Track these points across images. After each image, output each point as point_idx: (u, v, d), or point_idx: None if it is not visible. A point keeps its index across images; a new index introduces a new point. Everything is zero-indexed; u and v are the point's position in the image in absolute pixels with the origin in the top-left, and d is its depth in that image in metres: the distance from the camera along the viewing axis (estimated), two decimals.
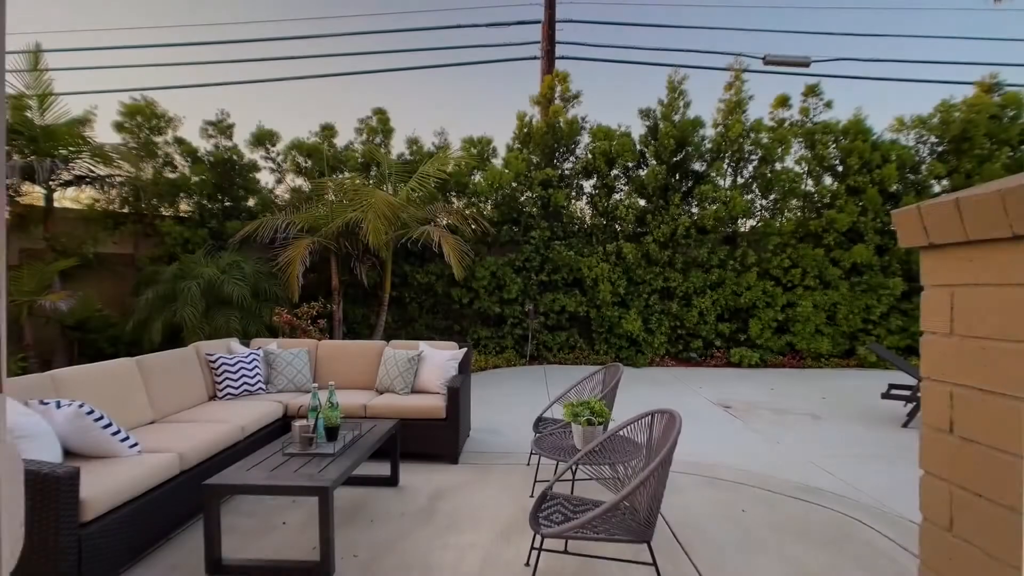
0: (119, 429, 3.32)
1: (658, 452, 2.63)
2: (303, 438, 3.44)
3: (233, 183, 9.49)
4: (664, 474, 2.36)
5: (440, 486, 4.24)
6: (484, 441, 5.44)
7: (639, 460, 2.97)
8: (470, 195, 10.05)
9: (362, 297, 9.88)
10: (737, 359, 9.68)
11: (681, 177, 10.26)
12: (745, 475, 4.41)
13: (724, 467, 4.62)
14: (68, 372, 3.64)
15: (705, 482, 4.26)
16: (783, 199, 9.88)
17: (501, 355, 9.74)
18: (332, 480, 2.94)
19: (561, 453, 3.47)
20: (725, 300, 9.86)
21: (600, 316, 9.89)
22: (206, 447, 3.70)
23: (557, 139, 10.13)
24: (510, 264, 9.96)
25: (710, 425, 6.08)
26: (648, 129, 10.28)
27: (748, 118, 9.92)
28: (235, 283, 7.79)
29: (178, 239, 8.80)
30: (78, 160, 8.00)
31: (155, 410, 4.26)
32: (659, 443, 2.68)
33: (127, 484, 2.99)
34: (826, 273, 9.65)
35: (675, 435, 2.36)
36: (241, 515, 3.71)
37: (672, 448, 2.33)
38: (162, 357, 4.56)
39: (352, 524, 3.58)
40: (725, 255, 9.90)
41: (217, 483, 2.94)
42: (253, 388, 5.08)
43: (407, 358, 5.23)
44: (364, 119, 10.27)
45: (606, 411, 3.47)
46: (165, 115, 9.20)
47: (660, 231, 9.74)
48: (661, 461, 2.25)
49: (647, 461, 2.84)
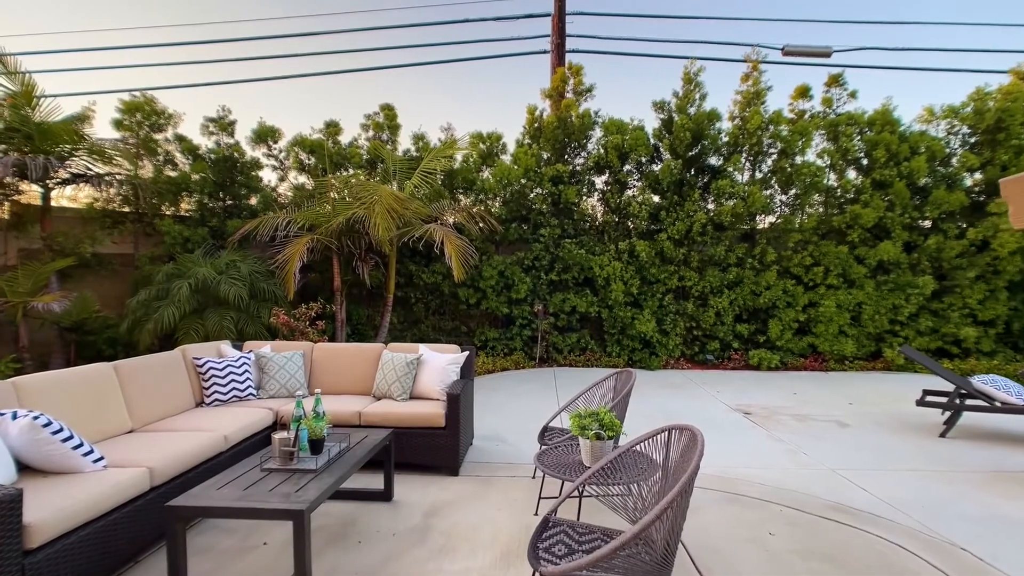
0: (81, 442, 3.04)
1: (676, 476, 2.28)
2: (283, 452, 3.14)
3: (235, 181, 9.27)
4: (684, 504, 2.01)
5: (437, 501, 3.92)
6: (487, 450, 5.11)
7: (655, 480, 2.62)
8: (478, 192, 9.73)
9: (366, 298, 9.61)
10: (756, 361, 9.24)
11: (697, 172, 9.84)
12: (770, 491, 4.03)
13: (747, 481, 4.24)
14: (33, 379, 3.38)
15: (727, 499, 3.89)
16: (804, 194, 9.41)
17: (509, 357, 9.41)
18: (309, 502, 2.63)
19: (566, 471, 3.13)
20: (743, 300, 9.42)
21: (612, 317, 9.51)
22: (182, 460, 3.42)
23: (568, 134, 9.77)
24: (519, 263, 9.63)
25: (729, 433, 5.69)
26: (662, 122, 9.88)
27: (767, 110, 9.48)
28: (232, 283, 7.55)
29: (178, 238, 8.60)
30: (75, 158, 7.83)
31: (134, 419, 3.99)
32: (678, 466, 2.32)
33: (84, 505, 2.71)
34: (850, 271, 9.17)
35: (697, 458, 2.01)
36: (220, 532, 3.43)
37: (694, 474, 1.98)
38: (144, 361, 4.29)
39: (338, 545, 3.27)
40: (743, 253, 9.46)
41: (181, 505, 2.64)
42: (243, 394, 4.81)
43: (406, 362, 4.92)
44: (371, 115, 10.00)
45: (617, 423, 3.12)
46: (165, 112, 9.01)
47: (675, 228, 9.33)
48: (681, 490, 1.90)
49: (664, 484, 2.48)
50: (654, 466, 2.75)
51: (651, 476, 2.65)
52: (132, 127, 8.80)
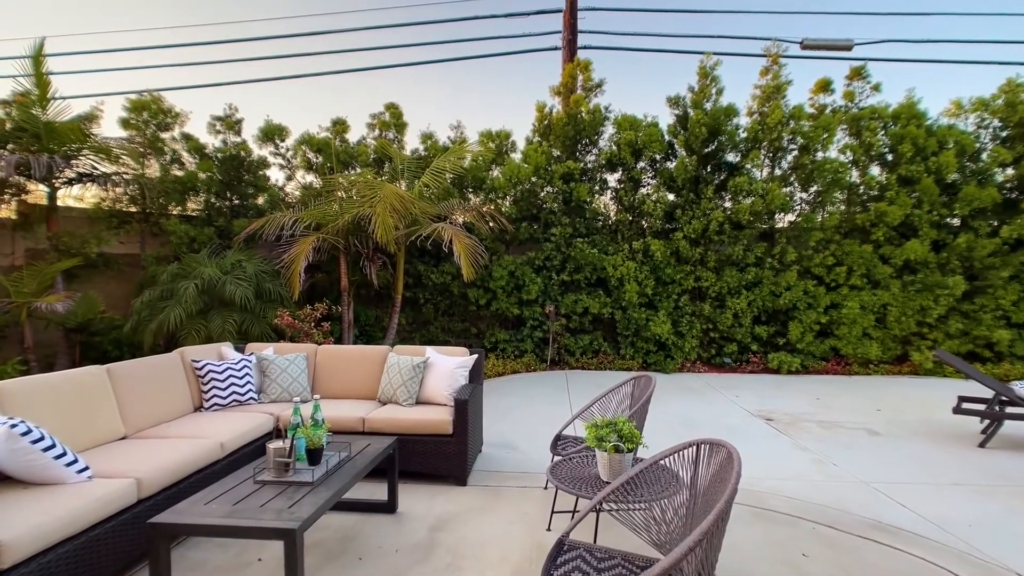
0: (64, 451, 2.86)
1: (708, 499, 2.03)
2: (278, 463, 2.93)
3: (242, 180, 9.15)
4: (720, 533, 1.76)
5: (443, 514, 3.70)
6: (497, 458, 4.88)
7: (681, 501, 2.37)
8: (487, 191, 9.52)
9: (374, 298, 9.43)
10: (776, 365, 8.91)
11: (713, 169, 9.54)
12: (801, 506, 3.75)
13: (774, 494, 3.97)
14: (17, 384, 3.20)
15: (754, 515, 3.62)
16: (826, 191, 9.07)
17: (520, 359, 9.17)
18: (302, 520, 2.42)
19: (582, 486, 2.88)
20: (762, 301, 9.10)
21: (626, 318, 9.23)
22: (174, 470, 3.23)
23: (579, 130, 9.52)
24: (529, 263, 9.39)
25: (752, 441, 5.40)
26: (677, 118, 9.59)
27: (787, 105, 9.15)
28: (237, 283, 7.40)
29: (184, 238, 8.48)
30: (81, 157, 7.74)
31: (128, 425, 3.81)
32: (708, 487, 2.07)
33: (64, 520, 2.52)
34: (875, 271, 8.80)
35: (734, 481, 1.76)
36: (214, 546, 3.24)
37: (730, 499, 1.73)
38: (139, 364, 4.12)
39: (336, 562, 3.06)
40: (762, 252, 9.14)
41: (164, 522, 2.44)
42: (243, 398, 4.62)
43: (412, 365, 4.70)
44: (376, 114, 9.83)
45: (637, 435, 2.87)
46: (172, 111, 8.91)
47: (691, 227, 9.03)
48: (717, 518, 1.66)
49: (692, 506, 2.23)
50: (679, 483, 2.50)
51: (676, 494, 2.40)
52: (139, 126, 8.71)
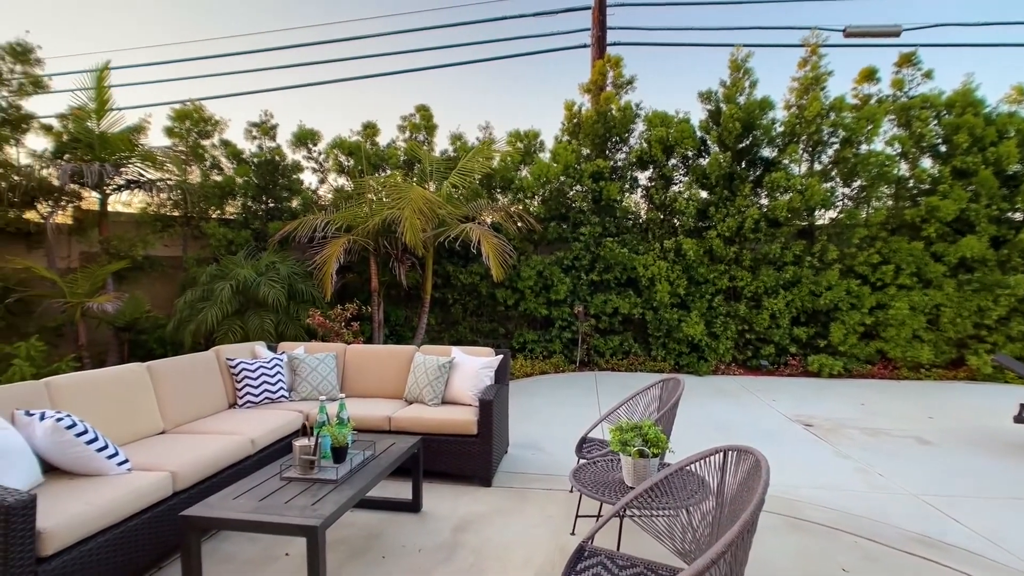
0: (106, 444, 2.98)
1: (735, 508, 1.94)
2: (303, 460, 2.98)
3: (276, 184, 9.41)
4: (747, 544, 1.68)
5: (468, 514, 3.69)
6: (523, 459, 4.84)
7: (708, 509, 2.28)
8: (516, 191, 9.50)
9: (404, 299, 9.54)
10: (816, 368, 8.56)
11: (748, 165, 9.25)
12: (840, 517, 3.57)
13: (811, 504, 3.79)
14: (65, 379, 3.36)
15: (788, 524, 3.47)
16: (871, 186, 8.66)
17: (549, 360, 9.11)
18: (324, 518, 2.45)
19: (606, 491, 2.82)
20: (801, 301, 8.76)
21: (657, 319, 9.05)
22: (207, 464, 3.32)
23: (608, 128, 9.39)
24: (558, 263, 9.32)
25: (789, 447, 5.20)
26: (709, 113, 9.35)
27: (827, 96, 8.79)
28: (271, 284, 7.61)
29: (222, 240, 8.79)
30: (129, 165, 8.11)
31: (167, 420, 3.96)
32: (736, 495, 1.99)
33: (103, 510, 2.62)
34: (926, 270, 8.35)
35: (761, 490, 1.68)
36: (245, 540, 3.31)
37: (757, 510, 1.65)
38: (177, 362, 4.27)
39: (360, 560, 3.08)
40: (801, 251, 8.80)
41: (195, 515, 2.51)
42: (275, 396, 4.73)
43: (437, 365, 4.72)
44: (407, 116, 9.96)
45: (663, 439, 2.79)
46: (212, 119, 9.26)
47: (725, 225, 8.78)
48: (743, 528, 1.58)
49: (719, 514, 2.14)
50: (706, 489, 2.41)
51: (702, 502, 2.31)
52: (182, 134, 9.08)
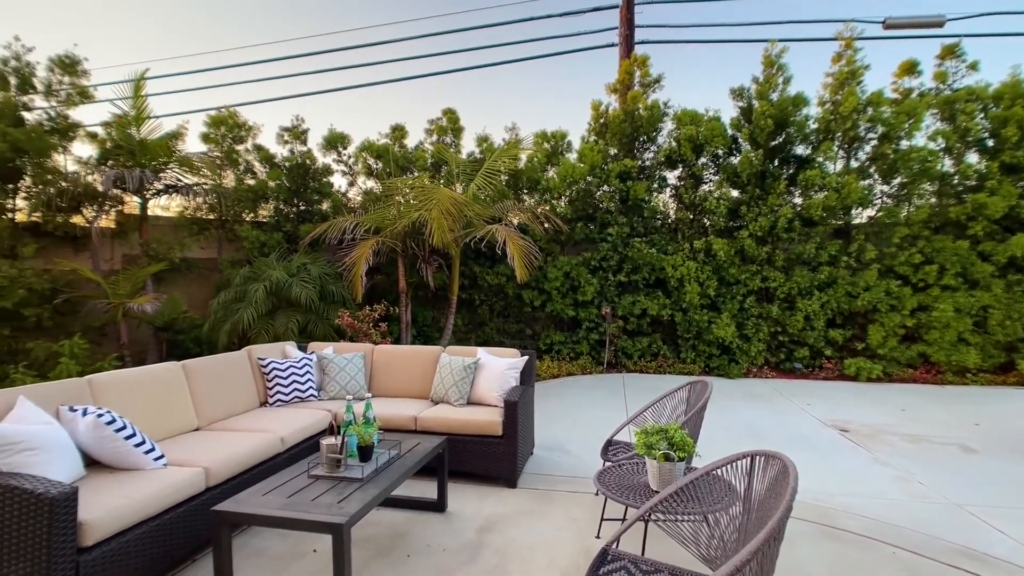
0: (144, 440, 3.09)
1: (762, 514, 1.89)
2: (330, 459, 3.03)
3: (308, 187, 9.62)
4: (774, 552, 1.63)
5: (492, 515, 3.69)
6: (549, 461, 4.82)
7: (734, 514, 2.22)
8: (542, 192, 9.48)
9: (431, 299, 9.62)
10: (853, 371, 8.27)
11: (781, 163, 9.01)
12: (878, 527, 3.44)
13: (847, 512, 3.66)
14: (107, 377, 3.50)
15: (822, 533, 3.36)
16: (912, 183, 8.32)
17: (575, 361, 9.05)
18: (350, 516, 2.48)
19: (630, 494, 2.78)
20: (837, 302, 8.47)
21: (687, 320, 8.89)
22: (239, 461, 3.41)
23: (636, 127, 9.28)
24: (585, 264, 9.25)
25: (823, 453, 5.03)
26: (741, 111, 9.15)
27: (864, 91, 8.50)
28: (302, 285, 7.79)
29: (255, 243, 9.02)
30: (167, 170, 8.41)
31: (200, 417, 4.08)
32: (763, 501, 1.93)
33: (140, 504, 2.72)
34: (972, 270, 7.97)
35: (789, 497, 1.62)
36: (275, 535, 3.39)
37: (784, 516, 1.60)
38: (211, 361, 4.40)
39: (385, 558, 3.11)
40: (837, 250, 8.52)
41: (226, 510, 2.58)
42: (304, 395, 4.83)
43: (463, 366, 4.74)
44: (434, 119, 10.05)
45: (689, 443, 2.73)
46: (246, 124, 9.53)
47: (757, 224, 8.57)
48: (770, 535, 1.53)
49: (746, 519, 2.09)
50: (733, 495, 2.35)
51: (728, 508, 2.25)
52: (217, 139, 9.37)
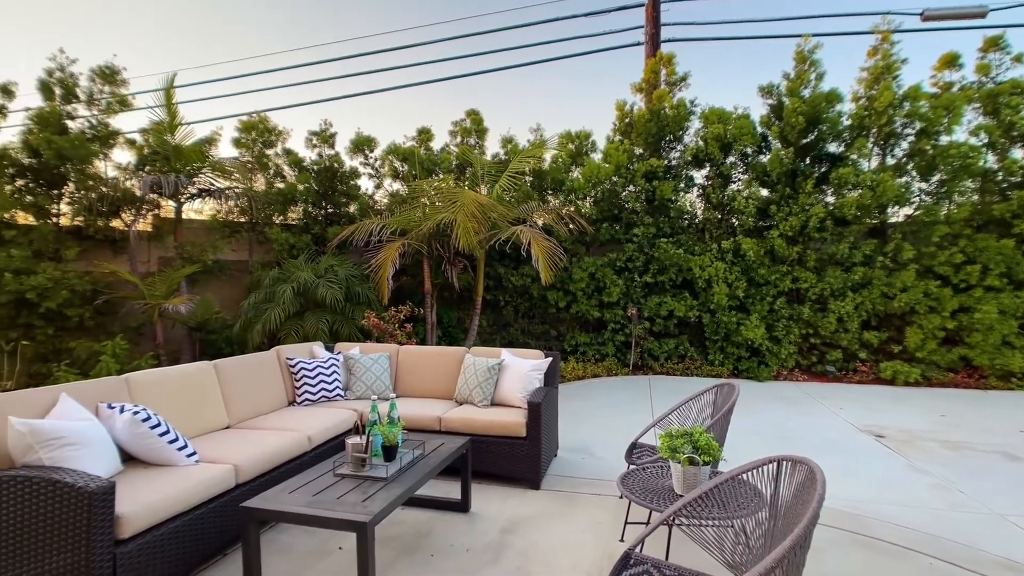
0: (177, 436, 3.19)
1: (788, 520, 1.84)
2: (355, 458, 3.07)
3: (335, 190, 9.80)
4: (800, 560, 1.59)
5: (515, 517, 3.69)
6: (573, 463, 4.80)
7: (760, 519, 2.17)
8: (567, 192, 9.45)
9: (456, 300, 9.68)
10: (890, 375, 7.99)
11: (813, 161, 8.78)
12: (914, 536, 3.31)
13: (880, 520, 3.54)
14: (143, 375, 3.62)
15: (853, 541, 3.25)
16: (952, 180, 8.00)
17: (601, 363, 8.98)
18: (374, 514, 2.51)
19: (654, 498, 2.74)
20: (872, 304, 8.21)
21: (715, 322, 8.73)
22: (267, 459, 3.49)
23: (662, 127, 9.17)
24: (610, 264, 9.18)
25: (857, 459, 4.88)
26: (771, 108, 8.95)
27: (900, 85, 8.22)
28: (329, 286, 7.93)
29: (284, 245, 9.23)
30: (201, 175, 8.68)
31: (231, 415, 4.19)
32: (790, 507, 1.88)
33: (173, 498, 2.80)
34: (1018, 270, 7.62)
35: (816, 504, 1.58)
36: (302, 532, 3.46)
37: (811, 524, 1.55)
38: (241, 361, 4.52)
39: (410, 557, 3.14)
40: (872, 250, 8.25)
41: (254, 506, 2.64)
42: (331, 394, 4.91)
43: (487, 367, 4.75)
44: (458, 121, 10.12)
45: (715, 447, 2.68)
46: (275, 129, 9.77)
47: (787, 224, 8.37)
48: (795, 543, 1.49)
49: (772, 526, 2.04)
50: (760, 500, 2.30)
51: (754, 514, 2.20)
52: (248, 144, 9.63)
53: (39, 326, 7.67)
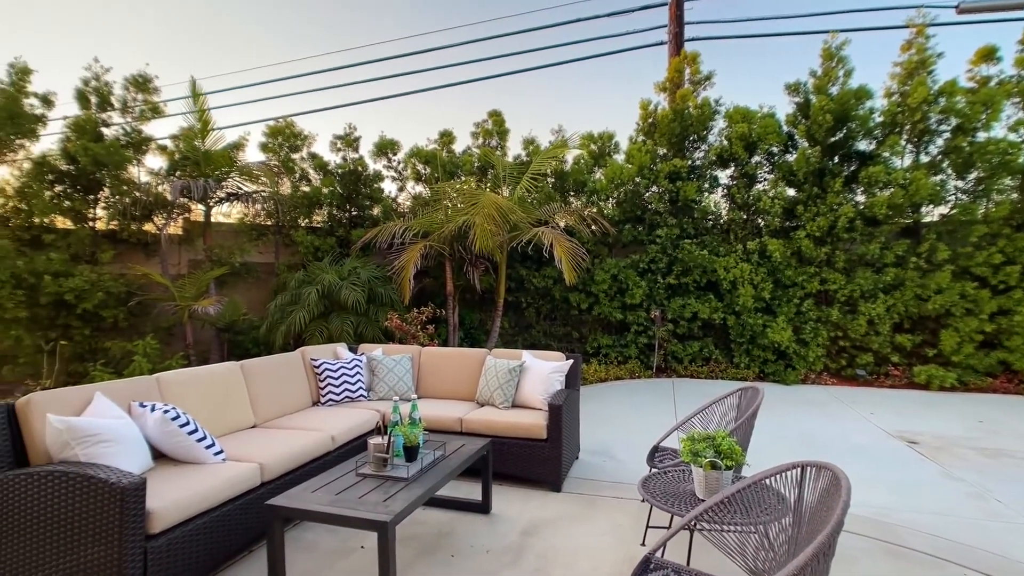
0: (205, 435, 3.27)
1: (813, 527, 1.80)
2: (377, 458, 3.11)
3: (359, 193, 9.93)
4: (823, 568, 1.55)
5: (536, 519, 3.68)
6: (594, 466, 4.77)
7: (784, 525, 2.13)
8: (589, 193, 9.41)
9: (478, 302, 9.72)
10: (924, 379, 7.74)
11: (841, 159, 8.57)
12: (948, 546, 3.20)
13: (912, 529, 3.43)
14: (173, 375, 3.73)
15: (884, 550, 3.16)
16: (991, 177, 7.71)
17: (624, 365, 8.91)
18: (395, 514, 2.53)
19: (676, 502, 2.71)
20: (905, 306, 7.96)
21: (740, 324, 8.58)
22: (290, 458, 3.55)
23: (686, 126, 9.07)
24: (633, 266, 9.10)
25: (887, 465, 4.74)
26: (797, 106, 8.77)
27: (935, 80, 7.97)
28: (352, 288, 8.04)
29: (309, 247, 9.40)
30: (229, 179, 8.90)
31: (257, 415, 4.27)
32: (814, 513, 1.84)
33: (201, 495, 2.87)
34: None
35: (840, 510, 1.54)
36: (324, 531, 3.51)
37: (834, 531, 1.52)
38: (267, 361, 4.61)
39: (430, 557, 3.17)
40: (904, 251, 8.01)
41: (278, 505, 2.69)
42: (354, 395, 4.98)
43: (508, 369, 4.76)
44: (480, 123, 10.18)
45: (738, 451, 2.64)
46: (301, 134, 9.96)
47: (815, 224, 8.18)
48: (817, 551, 1.46)
49: (797, 532, 2.00)
50: (784, 505, 2.25)
51: (777, 520, 2.16)
52: (275, 148, 9.84)
53: (76, 326, 7.95)
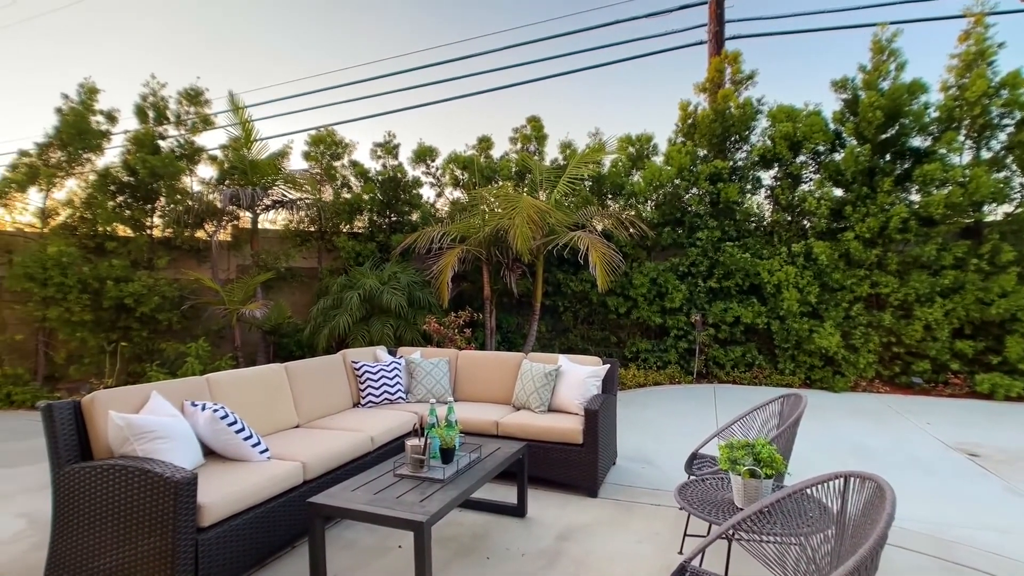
0: (251, 434, 3.41)
1: (856, 539, 1.73)
2: (414, 459, 3.17)
3: (399, 199, 10.15)
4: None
5: (572, 524, 3.67)
6: (632, 472, 4.72)
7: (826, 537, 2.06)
8: (627, 196, 9.32)
9: (515, 306, 9.75)
10: (987, 388, 7.28)
11: (893, 157, 8.18)
12: (1012, 566, 3.01)
13: (972, 548, 3.24)
14: (222, 376, 3.91)
15: (941, 568, 2.99)
16: None
17: (663, 371, 8.75)
18: (431, 514, 2.58)
19: (713, 511, 2.65)
20: (966, 310, 7.52)
21: (784, 329, 8.30)
22: (331, 457, 3.66)
23: (727, 127, 8.86)
24: (673, 269, 8.94)
25: (944, 479, 4.49)
26: (845, 103, 8.44)
27: (996, 72, 7.53)
28: (392, 293, 8.22)
29: (351, 253, 9.66)
30: (274, 187, 9.25)
31: (300, 415, 4.42)
32: (857, 525, 1.77)
33: (248, 491, 3.00)
34: None
35: (884, 523, 1.48)
36: (364, 529, 3.60)
37: (878, 544, 1.46)
38: (310, 363, 4.77)
39: (466, 558, 3.20)
40: (964, 252, 7.57)
41: (319, 503, 2.78)
42: (393, 397, 5.09)
43: (544, 373, 4.77)
44: (518, 128, 10.23)
45: (778, 459, 2.56)
46: (342, 142, 10.26)
47: (864, 225, 7.84)
48: (858, 565, 1.40)
49: (839, 545, 1.93)
50: (827, 517, 2.17)
51: (819, 531, 2.09)
52: (317, 156, 10.17)
53: (135, 329, 8.42)
